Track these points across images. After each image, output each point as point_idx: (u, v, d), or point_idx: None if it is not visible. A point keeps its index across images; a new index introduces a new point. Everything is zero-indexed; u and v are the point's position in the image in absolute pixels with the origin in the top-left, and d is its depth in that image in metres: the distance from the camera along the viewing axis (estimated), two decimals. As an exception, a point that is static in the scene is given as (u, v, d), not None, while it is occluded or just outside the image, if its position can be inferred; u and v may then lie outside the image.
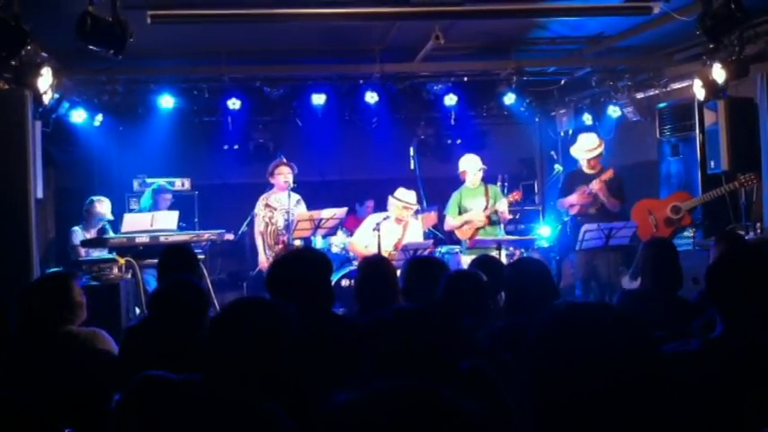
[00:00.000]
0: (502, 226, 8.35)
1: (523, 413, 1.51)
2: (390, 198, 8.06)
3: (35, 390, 3.14)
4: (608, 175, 7.71)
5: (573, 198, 7.88)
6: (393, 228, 7.95)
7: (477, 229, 8.16)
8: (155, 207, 8.96)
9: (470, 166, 8.27)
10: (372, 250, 7.59)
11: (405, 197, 8.00)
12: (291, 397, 2.41)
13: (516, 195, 8.22)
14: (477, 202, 8.19)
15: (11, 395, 2.06)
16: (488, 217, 8.13)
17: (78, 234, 8.15)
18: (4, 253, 5.86)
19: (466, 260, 7.78)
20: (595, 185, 7.68)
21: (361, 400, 1.15)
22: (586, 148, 7.98)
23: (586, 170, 7.99)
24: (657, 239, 5.96)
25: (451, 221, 8.30)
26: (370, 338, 2.34)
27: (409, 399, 1.15)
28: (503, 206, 8.06)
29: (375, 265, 4.35)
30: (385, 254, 7.50)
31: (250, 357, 2.33)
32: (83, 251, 7.81)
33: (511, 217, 8.56)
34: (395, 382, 1.18)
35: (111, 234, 7.99)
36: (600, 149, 7.97)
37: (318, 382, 2.63)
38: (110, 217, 8.38)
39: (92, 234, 8.17)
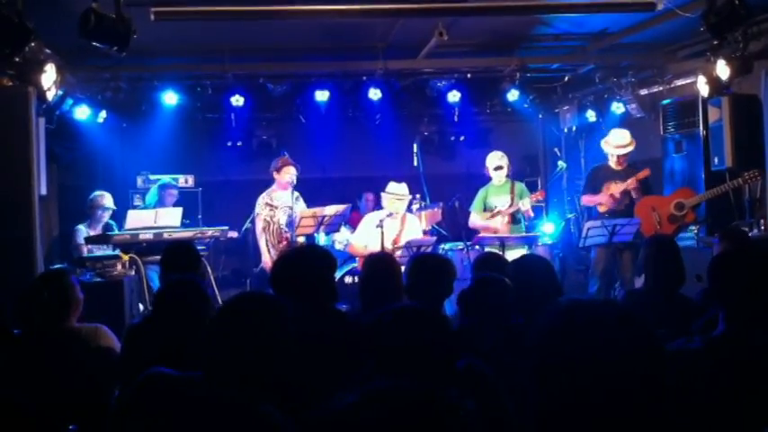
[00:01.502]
0: (524, 224, 8.38)
1: (525, 411, 1.51)
2: (382, 194, 8.09)
3: (38, 387, 3.15)
4: (644, 174, 7.70)
5: (602, 198, 7.86)
6: (391, 224, 7.95)
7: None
8: (160, 203, 8.97)
9: (489, 163, 8.36)
10: (372, 249, 7.58)
11: (395, 190, 8.01)
12: (292, 394, 2.42)
13: (539, 195, 8.28)
14: (501, 200, 8.23)
15: (11, 396, 2.06)
16: (512, 215, 8.15)
17: (82, 232, 8.15)
18: (8, 250, 5.86)
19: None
20: (630, 184, 7.66)
21: (360, 401, 1.15)
22: (617, 144, 7.92)
23: (614, 166, 7.95)
24: (658, 237, 5.95)
25: (476, 220, 8.38)
26: (371, 337, 2.34)
27: (407, 400, 1.15)
28: (526, 205, 8.06)
29: (379, 263, 4.34)
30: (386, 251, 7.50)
31: (247, 353, 2.33)
32: (85, 249, 7.81)
33: (533, 215, 8.56)
34: (393, 383, 1.18)
35: (116, 231, 7.99)
36: (631, 147, 7.91)
37: (321, 380, 2.64)
38: (113, 207, 8.38)
39: (97, 231, 8.17)
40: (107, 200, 8.35)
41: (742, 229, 6.36)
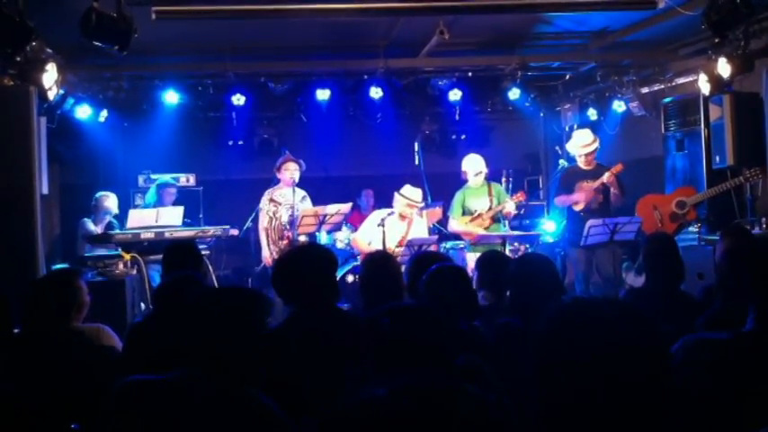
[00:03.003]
0: (506, 222, 8.34)
1: (525, 410, 1.51)
2: (396, 194, 8.04)
3: (41, 385, 3.15)
4: (618, 168, 7.68)
5: (579, 195, 7.82)
6: (397, 224, 7.94)
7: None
8: (159, 202, 8.98)
9: (470, 167, 8.18)
10: (375, 246, 7.58)
11: (410, 195, 7.97)
12: (294, 393, 2.43)
13: (521, 196, 8.21)
14: (480, 202, 8.12)
15: (16, 392, 2.07)
16: (492, 218, 8.09)
17: (89, 225, 8.24)
18: (10, 249, 5.87)
19: (471, 256, 7.77)
20: (608, 178, 7.63)
21: (384, 395, 1.15)
22: (582, 143, 7.91)
23: (583, 166, 7.94)
24: (656, 234, 5.95)
25: (455, 225, 8.20)
26: (368, 335, 2.35)
27: (432, 394, 1.15)
28: (510, 207, 8.02)
29: (379, 262, 4.34)
30: (389, 250, 7.49)
31: (216, 341, 2.40)
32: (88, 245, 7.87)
33: (515, 213, 8.53)
34: (416, 377, 1.18)
35: (118, 230, 8.02)
36: (595, 145, 7.88)
37: (323, 378, 2.64)
38: (116, 211, 8.45)
39: (100, 228, 8.24)
40: (111, 202, 8.44)
41: (744, 227, 6.35)
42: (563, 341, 1.45)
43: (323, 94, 9.73)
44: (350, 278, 8.03)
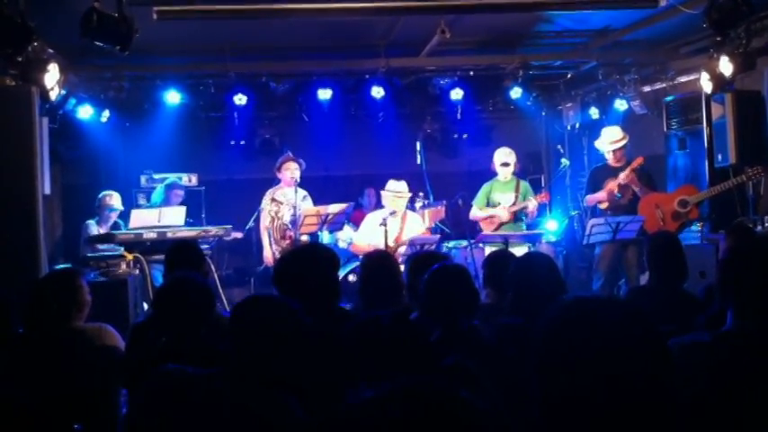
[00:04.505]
0: (525, 222, 8.40)
1: (531, 408, 1.51)
2: (383, 192, 8.12)
3: (43, 386, 3.16)
4: (638, 162, 7.72)
5: (601, 195, 7.87)
6: (392, 222, 7.96)
7: (502, 223, 8.18)
8: (166, 202, 8.99)
9: (496, 158, 8.41)
10: (375, 247, 7.57)
11: (395, 187, 8.05)
12: (293, 392, 2.45)
13: (544, 197, 8.28)
14: (505, 197, 8.23)
15: (18, 392, 2.08)
16: (514, 213, 8.16)
17: (92, 227, 8.22)
18: (12, 249, 5.88)
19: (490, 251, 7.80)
20: (626, 176, 7.67)
21: (379, 397, 1.15)
22: (611, 140, 7.99)
23: (612, 163, 7.99)
24: (661, 233, 5.96)
25: (477, 212, 8.39)
26: (359, 338, 2.36)
27: (426, 396, 1.15)
28: (532, 206, 8.10)
29: (378, 261, 4.34)
30: (390, 249, 7.49)
31: (263, 354, 2.45)
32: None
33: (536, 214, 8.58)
34: (411, 380, 1.18)
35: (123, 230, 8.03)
36: (625, 141, 7.99)
37: (324, 378, 2.64)
38: (120, 208, 8.44)
39: (105, 229, 8.24)
40: (115, 200, 8.43)
41: (748, 225, 6.35)
42: (563, 341, 1.45)
43: (324, 94, 9.73)
44: (352, 278, 8.03)
